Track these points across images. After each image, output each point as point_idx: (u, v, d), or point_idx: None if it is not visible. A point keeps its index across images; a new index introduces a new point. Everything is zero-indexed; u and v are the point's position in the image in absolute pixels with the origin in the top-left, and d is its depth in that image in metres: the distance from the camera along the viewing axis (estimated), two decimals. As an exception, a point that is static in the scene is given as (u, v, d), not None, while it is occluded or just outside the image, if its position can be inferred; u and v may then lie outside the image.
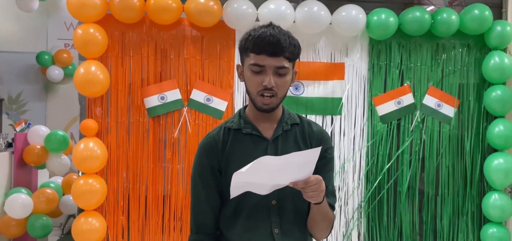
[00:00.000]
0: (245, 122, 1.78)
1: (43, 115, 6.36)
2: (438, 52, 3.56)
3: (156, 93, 3.32)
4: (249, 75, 1.70)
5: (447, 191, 3.58)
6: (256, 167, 1.47)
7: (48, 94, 6.44)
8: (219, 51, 3.38)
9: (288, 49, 1.67)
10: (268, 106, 1.70)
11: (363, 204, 3.50)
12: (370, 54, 3.51)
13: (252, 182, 1.56)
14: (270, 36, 1.65)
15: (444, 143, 3.57)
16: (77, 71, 3.16)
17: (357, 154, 3.51)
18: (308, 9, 3.31)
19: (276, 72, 1.67)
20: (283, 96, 1.73)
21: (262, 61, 1.66)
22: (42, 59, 6.13)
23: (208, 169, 1.77)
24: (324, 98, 3.46)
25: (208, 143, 1.78)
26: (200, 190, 1.78)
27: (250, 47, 1.67)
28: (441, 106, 3.54)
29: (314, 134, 1.83)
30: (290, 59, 1.69)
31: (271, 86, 1.66)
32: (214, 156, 1.76)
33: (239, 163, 1.66)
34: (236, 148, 1.76)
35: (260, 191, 1.62)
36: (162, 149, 3.33)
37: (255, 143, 1.75)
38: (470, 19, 3.44)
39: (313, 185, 1.57)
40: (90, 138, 3.18)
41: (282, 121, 1.79)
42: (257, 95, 1.69)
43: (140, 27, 3.33)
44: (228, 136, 1.78)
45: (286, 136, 1.78)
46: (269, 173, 1.52)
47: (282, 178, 1.56)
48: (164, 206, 3.34)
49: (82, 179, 3.14)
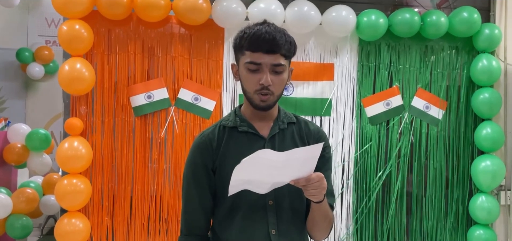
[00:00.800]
0: (241, 120, 1.74)
1: (22, 113, 6.21)
2: (427, 54, 3.56)
3: (143, 91, 3.25)
4: (245, 73, 1.66)
5: (435, 193, 3.58)
6: (257, 160, 1.43)
7: (28, 91, 6.30)
8: (207, 50, 3.33)
9: (284, 46, 1.64)
10: (265, 104, 1.66)
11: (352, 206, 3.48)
12: (360, 55, 3.49)
13: (252, 179, 1.51)
14: (265, 33, 1.61)
15: (432, 145, 3.57)
16: (62, 68, 3.07)
17: (346, 156, 3.49)
18: (298, 9, 3.28)
19: (272, 70, 1.64)
20: (280, 94, 1.69)
21: (259, 59, 1.62)
22: (22, 56, 6.00)
23: (201, 168, 1.72)
24: (313, 99, 3.44)
25: (203, 142, 1.73)
26: (192, 190, 1.73)
27: (246, 45, 1.64)
28: (429, 108, 3.54)
29: (312, 133, 1.80)
30: (286, 57, 1.66)
31: (268, 84, 1.62)
32: (208, 155, 1.71)
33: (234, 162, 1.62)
34: (232, 146, 1.71)
35: (259, 190, 1.58)
36: (148, 149, 3.27)
37: (252, 141, 1.71)
38: (459, 21, 3.45)
39: (315, 182, 1.54)
40: (74, 137, 3.10)
41: (278, 120, 1.76)
42: (254, 94, 1.65)
43: (127, 24, 3.25)
44: (223, 134, 1.74)
45: (283, 135, 1.75)
46: (269, 169, 1.48)
47: (283, 175, 1.52)
48: (150, 208, 3.27)
49: (66, 179, 3.06)
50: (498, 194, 3.65)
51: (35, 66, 6.04)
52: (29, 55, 6.02)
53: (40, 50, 6.01)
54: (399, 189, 3.52)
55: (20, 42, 6.16)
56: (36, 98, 6.30)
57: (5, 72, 6.15)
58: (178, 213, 3.25)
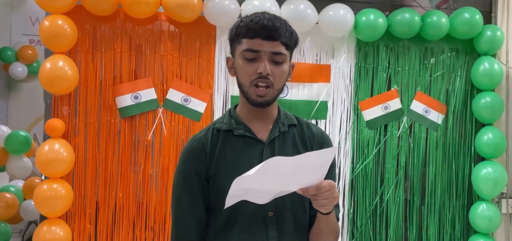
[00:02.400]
0: (237, 122, 1.57)
1: (4, 114, 6.02)
2: (427, 56, 3.44)
3: (130, 92, 3.08)
4: (241, 63, 1.50)
5: (434, 200, 3.45)
6: (264, 170, 1.26)
7: (11, 92, 6.11)
8: (198, 49, 3.17)
9: (285, 34, 1.50)
10: (263, 99, 1.49)
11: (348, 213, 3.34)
12: (357, 56, 3.36)
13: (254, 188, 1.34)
14: (265, 19, 1.48)
15: (431, 150, 3.44)
16: (43, 66, 2.90)
17: (342, 161, 3.35)
18: (294, 7, 3.13)
19: (272, 59, 1.48)
20: (280, 88, 1.52)
21: (257, 46, 1.47)
22: (4, 55, 5.81)
23: (194, 177, 1.54)
24: (309, 101, 3.29)
25: (195, 147, 1.55)
26: (184, 200, 1.55)
27: (243, 33, 1.48)
28: (429, 112, 3.43)
29: (315, 136, 1.63)
30: (287, 46, 1.51)
31: (266, 73, 1.46)
32: (202, 161, 1.54)
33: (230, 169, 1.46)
34: (227, 152, 1.54)
35: (260, 200, 1.40)
36: (134, 152, 3.09)
37: (249, 146, 1.54)
38: (460, 22, 3.33)
39: (326, 192, 1.37)
40: (55, 139, 2.91)
41: (278, 122, 1.59)
42: (250, 86, 1.49)
43: (114, 20, 3.08)
44: (217, 138, 1.56)
45: (284, 139, 1.58)
46: (277, 177, 1.31)
47: (291, 183, 1.35)
48: (135, 215, 3.09)
49: (45, 184, 2.87)
50: (499, 202, 3.53)
51: (18, 66, 5.85)
52: (12, 54, 5.83)
53: (24, 50, 5.83)
54: (397, 196, 3.38)
55: (3, 41, 5.98)
56: (19, 99, 6.11)
57: (-14, 72, 5.96)
58: (166, 221, 3.08)
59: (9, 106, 6.10)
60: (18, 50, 5.83)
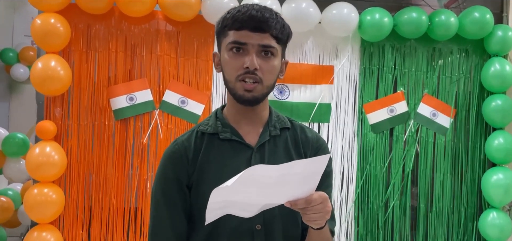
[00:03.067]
0: (223, 124, 1.44)
1: (5, 116, 5.98)
2: (435, 57, 3.31)
3: (125, 93, 2.98)
4: (227, 57, 1.38)
5: (442, 208, 3.32)
6: (245, 179, 1.12)
7: (12, 94, 6.08)
8: (196, 49, 3.07)
9: (276, 26, 1.36)
10: (251, 94, 1.36)
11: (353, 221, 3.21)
12: (362, 57, 3.24)
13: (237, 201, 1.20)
14: (253, 9, 1.35)
15: (439, 155, 3.31)
16: (34, 66, 2.82)
17: (346, 166, 3.23)
18: (296, 6, 3.02)
19: (260, 53, 1.35)
20: (270, 85, 1.39)
21: (244, 38, 1.35)
22: (6, 57, 5.80)
23: (173, 184, 1.41)
24: (311, 104, 3.18)
25: (176, 151, 1.43)
26: (162, 210, 1.42)
27: (229, 24, 1.37)
28: (437, 116, 3.30)
29: (309, 140, 1.49)
30: (278, 40, 1.38)
31: (254, 67, 1.33)
32: (183, 168, 1.41)
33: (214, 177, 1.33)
34: (212, 157, 1.41)
35: (244, 213, 1.27)
36: (129, 156, 2.99)
37: (236, 151, 1.41)
38: (469, 22, 3.20)
39: (317, 205, 1.22)
40: (46, 142, 2.82)
41: (269, 125, 1.46)
42: (236, 81, 1.36)
43: (108, 19, 2.99)
44: (201, 142, 1.43)
45: (275, 143, 1.44)
46: (261, 188, 1.16)
47: (277, 195, 1.20)
48: (130, 221, 2.98)
49: (36, 188, 2.77)
50: (510, 210, 3.38)
51: (19, 67, 5.84)
52: (13, 55, 5.82)
53: (25, 51, 5.80)
54: (403, 203, 3.26)
55: (5, 42, 5.97)
56: (21, 101, 6.07)
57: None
58: (161, 227, 2.97)
59: (10, 108, 6.06)
60: (19, 51, 5.81)
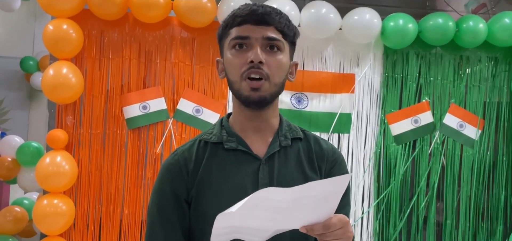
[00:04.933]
0: (229, 133, 1.33)
1: (25, 124, 5.99)
2: (462, 65, 3.19)
3: (138, 101, 2.92)
4: (229, 56, 1.28)
5: (469, 225, 3.19)
6: (253, 204, 0.99)
7: (32, 102, 6.08)
8: (212, 56, 3.00)
9: (280, 20, 1.27)
10: (257, 94, 1.25)
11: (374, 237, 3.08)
12: (384, 65, 3.14)
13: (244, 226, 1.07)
14: (254, 5, 1.27)
15: (466, 169, 3.18)
16: (46, 73, 2.78)
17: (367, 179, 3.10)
18: (316, 11, 2.93)
19: (265, 46, 1.26)
20: (278, 84, 1.28)
21: (246, 32, 1.25)
22: (26, 65, 5.80)
23: (170, 199, 1.30)
24: (331, 113, 3.07)
25: (175, 163, 1.31)
26: (157, 229, 1.30)
27: (230, 22, 1.28)
28: (464, 127, 3.17)
29: (324, 153, 1.36)
30: (284, 34, 1.28)
31: (258, 60, 1.23)
32: (181, 181, 1.30)
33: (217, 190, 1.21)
34: (214, 169, 1.29)
35: (254, 239, 1.13)
36: (142, 166, 2.92)
37: (242, 162, 1.29)
38: (499, 28, 3.07)
39: (336, 230, 1.10)
40: (57, 152, 2.77)
41: (279, 134, 1.33)
42: (241, 80, 1.25)
43: (122, 25, 2.94)
44: (203, 152, 1.32)
45: (285, 155, 1.32)
46: (271, 213, 1.04)
47: (291, 220, 1.08)
48: (142, 233, 2.91)
49: (46, 199, 2.71)
50: (543, 228, 3.21)
51: (39, 76, 5.83)
52: (33, 64, 5.82)
53: (45, 59, 5.77)
54: (428, 219, 3.13)
55: (26, 51, 5.99)
56: (40, 109, 6.05)
57: (8, 82, 5.95)
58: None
59: (30, 116, 6.07)
60: (39, 59, 5.81)
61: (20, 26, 5.95)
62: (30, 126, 6.02)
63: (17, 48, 5.95)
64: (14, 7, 4.65)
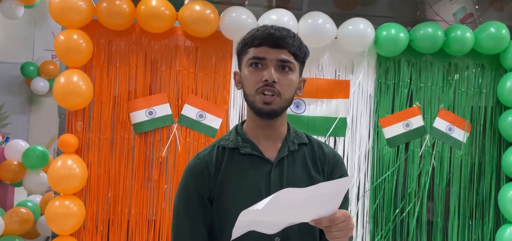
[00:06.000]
0: (244, 140, 1.49)
1: (26, 128, 6.06)
2: (451, 71, 3.32)
3: (144, 107, 3.04)
4: (247, 73, 1.43)
5: (458, 222, 3.31)
6: (275, 202, 1.17)
7: (32, 106, 6.16)
8: (214, 64, 3.12)
9: (293, 43, 1.42)
10: (269, 107, 1.41)
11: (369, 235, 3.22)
12: (378, 72, 3.26)
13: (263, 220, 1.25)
14: (271, 28, 1.42)
15: (455, 170, 3.31)
16: (57, 81, 2.89)
17: (362, 179, 3.24)
18: (312, 21, 3.06)
19: (278, 67, 1.41)
20: (288, 99, 1.44)
21: (263, 53, 1.40)
22: (26, 70, 5.88)
23: (195, 198, 1.45)
24: (327, 118, 3.20)
25: (198, 166, 1.47)
26: (183, 224, 1.46)
27: (249, 42, 1.43)
28: (453, 130, 3.30)
29: (326, 156, 1.54)
30: (295, 56, 1.43)
31: (272, 79, 1.39)
32: (204, 182, 1.46)
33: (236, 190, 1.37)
34: (232, 171, 1.46)
35: (268, 231, 1.31)
36: (148, 169, 3.04)
37: (256, 166, 1.46)
38: (485, 37, 3.21)
39: (340, 223, 1.28)
40: (68, 155, 2.88)
41: (287, 140, 1.50)
42: (256, 94, 1.41)
43: (129, 35, 3.05)
44: (222, 156, 1.48)
45: (293, 158, 1.49)
46: (288, 208, 1.22)
47: (303, 214, 1.27)
48: (148, 233, 3.02)
49: (57, 201, 2.84)
50: (526, 225, 3.36)
51: (39, 81, 5.92)
52: (34, 69, 5.90)
53: (45, 65, 5.89)
54: (419, 217, 3.26)
55: (26, 56, 6.05)
56: (40, 114, 6.16)
57: (9, 86, 6.02)
58: (179, 239, 3.01)
59: (30, 120, 6.14)
60: (40, 65, 5.89)
61: (20, 32, 6.02)
62: (30, 130, 6.09)
63: (17, 54, 6.00)
64: (17, 14, 4.77)
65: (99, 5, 2.91)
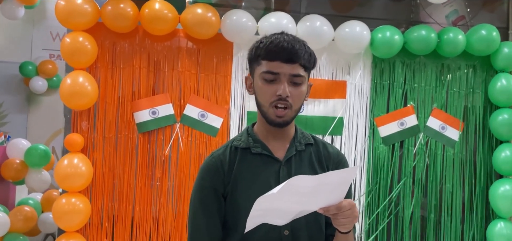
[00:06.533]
0: (254, 140, 1.60)
1: (24, 127, 6.11)
2: (443, 72, 3.43)
3: (148, 107, 3.12)
4: (260, 84, 1.52)
5: (450, 218, 3.43)
6: (288, 188, 1.28)
7: (30, 106, 6.21)
8: (215, 65, 3.21)
9: (304, 56, 1.52)
10: (282, 119, 1.52)
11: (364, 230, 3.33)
12: (373, 73, 3.37)
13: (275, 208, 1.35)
14: (284, 41, 1.50)
15: (448, 167, 3.42)
16: (64, 82, 2.96)
17: (358, 176, 3.35)
18: (311, 24, 3.17)
19: (291, 81, 1.51)
20: (298, 109, 1.56)
21: (276, 68, 1.49)
22: (25, 70, 5.92)
23: (211, 193, 1.56)
24: (325, 117, 3.31)
25: (213, 164, 1.58)
26: (200, 217, 1.57)
27: (262, 54, 1.51)
28: (446, 129, 3.41)
29: (330, 155, 1.65)
30: (305, 68, 1.54)
31: (286, 95, 1.49)
32: (219, 178, 1.56)
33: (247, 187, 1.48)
34: (244, 169, 1.56)
35: (280, 221, 1.42)
36: (151, 167, 3.13)
37: (266, 164, 1.56)
38: (477, 39, 3.33)
39: (346, 211, 1.39)
40: (74, 154, 2.97)
41: (295, 141, 1.61)
42: (269, 107, 1.52)
43: (133, 37, 3.14)
44: (235, 156, 1.59)
45: (300, 158, 1.60)
46: (299, 196, 1.32)
47: (312, 202, 1.37)
48: (152, 229, 3.12)
49: (64, 198, 2.92)
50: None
51: (38, 80, 5.97)
52: (32, 68, 5.94)
53: (44, 64, 5.94)
54: (413, 213, 3.37)
55: (24, 56, 6.09)
56: (38, 112, 6.20)
57: (7, 85, 6.06)
58: (182, 235, 3.10)
59: (28, 119, 6.19)
60: (38, 64, 5.94)
61: (18, 32, 6.06)
62: (29, 128, 6.15)
63: (16, 53, 6.04)
64: (18, 15, 4.84)
65: (104, 8, 2.99)
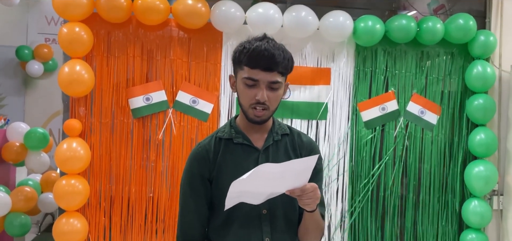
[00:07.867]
0: (236, 132, 1.80)
1: (21, 110, 6.26)
2: (423, 59, 3.59)
3: (142, 94, 3.28)
4: (242, 88, 1.71)
5: (428, 197, 3.63)
6: (256, 174, 1.49)
7: (27, 89, 6.35)
8: (206, 53, 3.36)
9: (282, 64, 1.68)
10: (260, 119, 1.72)
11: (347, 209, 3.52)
12: (356, 60, 3.52)
13: (249, 190, 1.57)
14: (264, 50, 1.65)
15: (427, 149, 3.61)
16: (61, 70, 3.11)
17: (341, 159, 3.53)
18: (296, 14, 3.31)
19: (269, 87, 1.69)
20: (274, 109, 1.75)
21: (256, 75, 1.67)
22: (21, 54, 6.05)
23: (198, 178, 1.77)
24: (310, 103, 3.47)
25: (199, 153, 1.78)
26: (188, 199, 1.78)
27: (245, 61, 1.68)
28: (425, 113, 3.58)
29: (304, 144, 1.85)
30: (283, 74, 1.71)
31: (264, 100, 1.68)
32: (205, 165, 1.76)
33: (230, 173, 1.67)
34: (228, 157, 1.77)
35: (255, 201, 1.64)
36: (146, 150, 3.31)
37: (246, 152, 1.77)
38: (454, 28, 3.48)
39: (309, 192, 1.60)
40: (73, 138, 3.13)
41: (272, 132, 1.81)
42: (249, 108, 1.71)
43: (127, 27, 3.28)
44: (219, 145, 1.79)
45: (277, 146, 1.80)
46: (267, 180, 1.54)
47: (279, 185, 1.58)
48: (147, 208, 3.30)
49: (64, 180, 3.09)
50: (491, 199, 3.69)
51: (34, 64, 6.09)
52: (28, 52, 6.06)
53: (40, 48, 6.06)
54: (393, 192, 3.56)
55: (20, 40, 6.21)
56: (35, 95, 6.34)
57: (4, 69, 6.20)
58: (175, 213, 3.30)
59: (25, 102, 6.32)
60: (34, 48, 6.05)
61: (14, 16, 6.15)
62: (26, 111, 6.29)
63: (11, 38, 6.16)
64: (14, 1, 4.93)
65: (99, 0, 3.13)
